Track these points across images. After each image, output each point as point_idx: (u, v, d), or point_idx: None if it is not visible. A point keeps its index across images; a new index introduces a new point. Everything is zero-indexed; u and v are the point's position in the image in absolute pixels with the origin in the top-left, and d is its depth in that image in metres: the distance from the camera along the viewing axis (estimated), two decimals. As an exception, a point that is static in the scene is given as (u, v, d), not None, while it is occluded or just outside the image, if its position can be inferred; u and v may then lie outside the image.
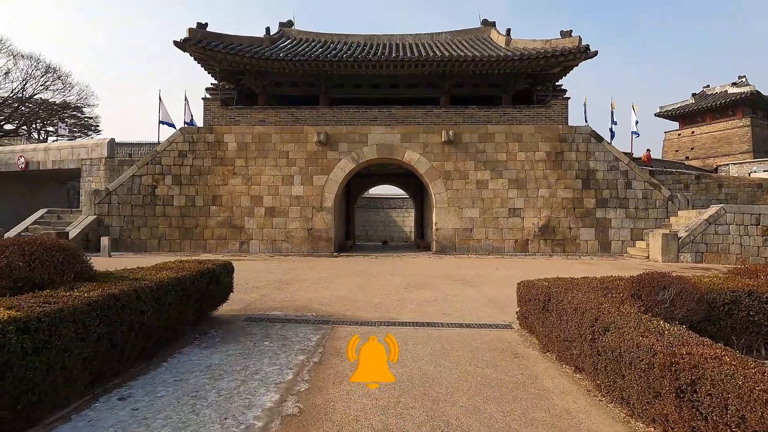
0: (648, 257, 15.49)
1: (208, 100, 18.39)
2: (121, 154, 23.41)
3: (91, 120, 41.03)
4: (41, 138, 38.97)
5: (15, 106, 34.95)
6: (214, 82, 20.48)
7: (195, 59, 17.93)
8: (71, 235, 16.14)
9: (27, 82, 33.69)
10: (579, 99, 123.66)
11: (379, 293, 8.42)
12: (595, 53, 17.10)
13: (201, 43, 16.75)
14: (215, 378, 3.87)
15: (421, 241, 23.11)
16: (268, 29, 20.10)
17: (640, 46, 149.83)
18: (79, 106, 38.74)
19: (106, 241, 15.49)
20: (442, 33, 21.45)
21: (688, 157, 34.50)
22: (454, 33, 21.42)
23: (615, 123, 21.02)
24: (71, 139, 35.89)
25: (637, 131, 21.50)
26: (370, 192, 34.03)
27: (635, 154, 20.52)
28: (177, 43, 16.82)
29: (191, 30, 16.91)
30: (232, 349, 4.76)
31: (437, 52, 17.78)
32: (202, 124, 17.98)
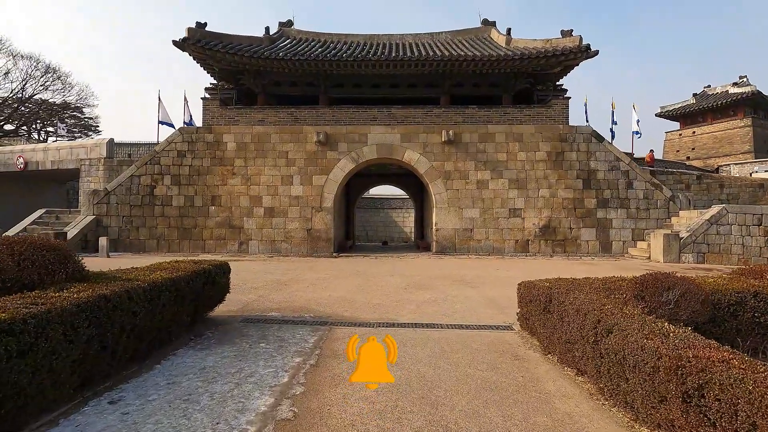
0: (649, 257, 15.40)
1: (207, 99, 18.30)
2: (121, 155, 23.31)
3: (91, 120, 41.00)
4: (41, 138, 38.92)
5: (15, 107, 34.91)
6: (214, 81, 20.40)
7: (194, 59, 17.86)
8: (69, 236, 16.06)
9: (27, 83, 33.67)
10: (579, 99, 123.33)
11: (379, 294, 8.33)
12: (595, 53, 17.00)
13: (200, 43, 16.67)
14: (209, 381, 3.79)
15: (421, 241, 23.02)
16: (267, 29, 20.01)
17: (640, 46, 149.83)
18: (79, 106, 38.71)
19: (104, 241, 15.41)
20: (442, 33, 21.36)
21: (689, 158, 34.39)
22: (454, 33, 21.34)
23: (615, 123, 20.97)
24: (71, 139, 35.85)
25: (639, 131, 21.38)
26: (370, 192, 33.95)
27: (636, 154, 20.42)
28: (176, 43, 16.75)
29: (190, 29, 16.84)
30: (227, 350, 4.67)
31: (437, 52, 17.70)
32: (201, 124, 17.90)
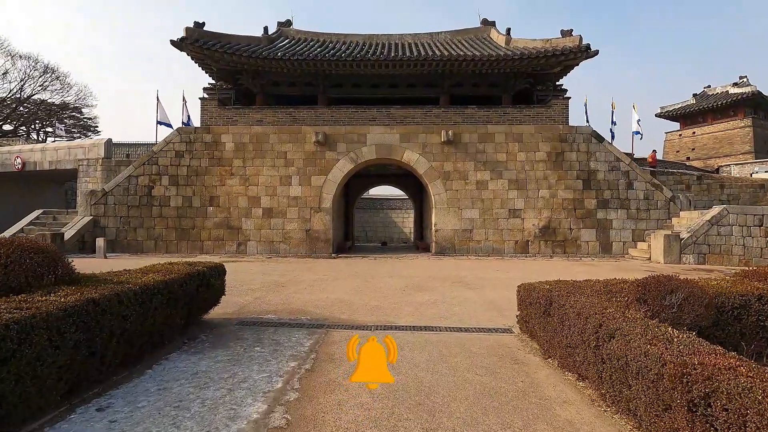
0: (650, 258, 15.31)
1: (205, 99, 18.21)
2: (119, 155, 23.21)
3: (90, 120, 40.92)
4: (40, 139, 38.83)
5: (13, 107, 34.83)
6: (212, 82, 20.31)
7: (192, 59, 17.77)
8: (67, 236, 15.97)
9: (25, 83, 33.61)
10: (579, 99, 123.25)
11: (377, 296, 8.24)
12: (595, 52, 16.93)
13: (198, 43, 16.59)
14: (201, 387, 3.69)
15: (421, 242, 22.93)
16: (266, 29, 19.93)
17: (640, 46, 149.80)
18: (78, 106, 38.64)
19: (101, 242, 15.32)
20: (442, 33, 21.28)
21: (689, 158, 34.30)
22: (453, 32, 21.26)
23: (614, 123, 20.91)
24: (70, 139, 35.74)
25: (640, 131, 21.29)
26: (369, 193, 33.86)
27: (636, 155, 20.34)
28: (174, 42, 16.66)
29: (188, 29, 16.76)
30: (221, 355, 4.58)
31: (436, 52, 17.62)
32: (200, 124, 17.81)
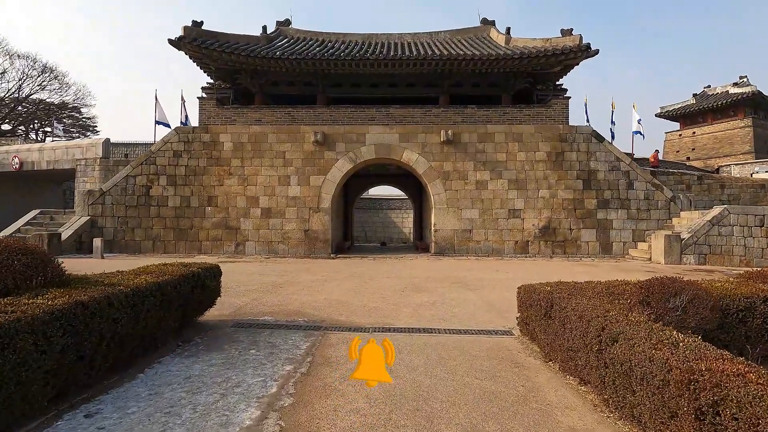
0: (650, 259, 15.23)
1: (203, 99, 18.12)
2: (117, 155, 23.12)
3: (89, 120, 40.83)
4: (39, 138, 38.76)
5: (12, 106, 34.73)
6: (211, 81, 20.23)
7: (190, 58, 17.67)
8: (64, 237, 15.88)
9: (23, 82, 33.52)
10: (579, 99, 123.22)
11: (375, 297, 8.15)
12: (596, 52, 16.85)
13: (196, 42, 16.49)
14: (193, 392, 3.60)
15: (420, 242, 22.84)
16: (264, 28, 19.83)
17: (640, 46, 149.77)
18: (77, 106, 38.56)
19: (99, 242, 15.20)
20: (441, 32, 21.20)
21: (689, 158, 34.22)
22: (453, 32, 21.17)
23: (614, 123, 20.82)
24: (68, 139, 35.65)
25: (641, 131, 21.19)
26: (368, 193, 33.78)
27: (636, 155, 20.27)
28: (172, 42, 16.57)
29: (186, 28, 16.67)
30: (215, 358, 4.49)
31: (436, 51, 17.53)
32: (198, 124, 17.72)
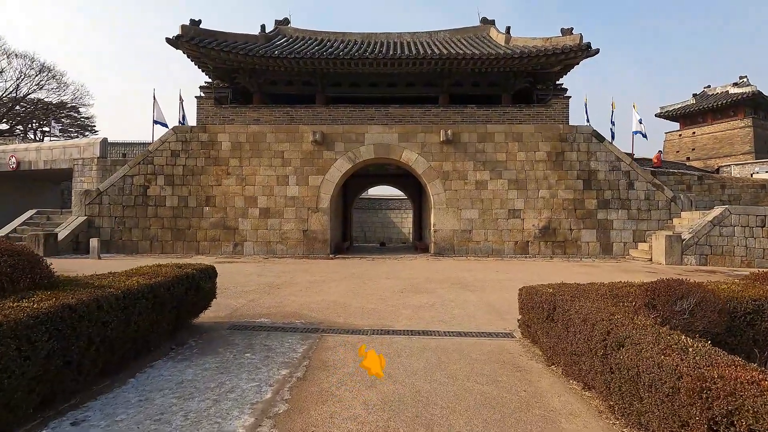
0: (651, 259, 15.14)
1: (201, 98, 18.00)
2: (115, 154, 22.99)
3: (87, 120, 40.66)
4: (38, 138, 38.60)
5: (9, 106, 34.58)
6: (209, 80, 20.10)
7: (188, 57, 17.56)
8: (60, 237, 15.75)
9: (21, 81, 33.36)
10: (579, 99, 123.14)
11: (374, 298, 8.04)
12: (596, 51, 16.75)
13: (194, 41, 16.37)
14: (185, 398, 3.49)
15: (419, 242, 22.73)
16: (263, 27, 19.71)
17: (640, 46, 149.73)
18: (75, 105, 38.40)
19: (95, 242, 15.06)
20: (441, 31, 21.09)
21: (689, 158, 34.14)
22: (452, 31, 21.06)
23: (614, 123, 20.73)
24: (67, 138, 35.52)
25: (643, 131, 21.08)
26: (368, 193, 33.66)
27: (636, 155, 20.17)
28: (169, 41, 16.45)
29: (184, 27, 16.54)
30: (209, 362, 4.37)
31: (435, 50, 17.42)
32: (196, 123, 17.59)
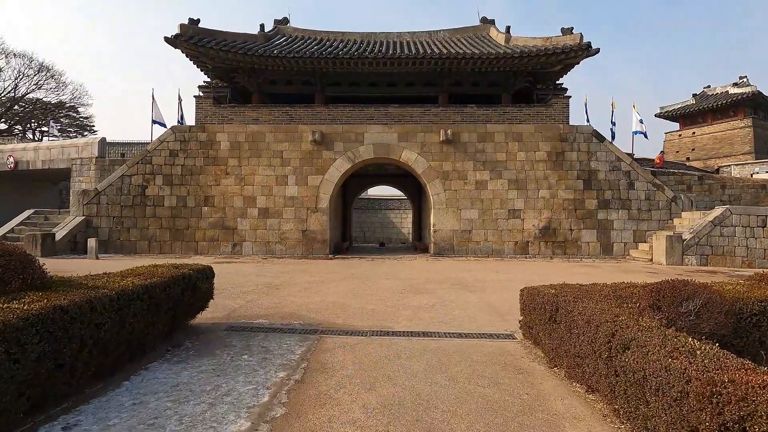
0: (651, 260, 15.08)
1: (200, 98, 17.92)
2: (113, 154, 22.91)
3: (86, 120, 40.58)
4: (36, 138, 38.50)
5: (8, 105, 34.48)
6: (208, 80, 20.03)
7: (187, 56, 17.47)
8: (58, 237, 15.66)
9: (19, 81, 33.27)
10: (580, 99, 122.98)
11: (373, 299, 7.96)
12: (596, 51, 16.69)
13: (192, 40, 16.29)
14: (180, 401, 3.41)
15: (419, 242, 22.66)
16: (262, 26, 19.65)
17: (640, 46, 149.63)
18: (74, 105, 38.32)
19: (93, 242, 14.98)
20: (441, 31, 21.02)
21: (689, 158, 34.09)
22: (452, 31, 21.00)
23: (614, 124, 20.68)
24: (66, 138, 35.41)
25: (644, 131, 21.02)
26: (367, 193, 33.58)
27: (636, 155, 20.11)
28: (168, 40, 16.38)
29: (182, 26, 16.46)
30: (205, 364, 4.30)
31: (435, 50, 17.36)
32: (194, 123, 17.51)
